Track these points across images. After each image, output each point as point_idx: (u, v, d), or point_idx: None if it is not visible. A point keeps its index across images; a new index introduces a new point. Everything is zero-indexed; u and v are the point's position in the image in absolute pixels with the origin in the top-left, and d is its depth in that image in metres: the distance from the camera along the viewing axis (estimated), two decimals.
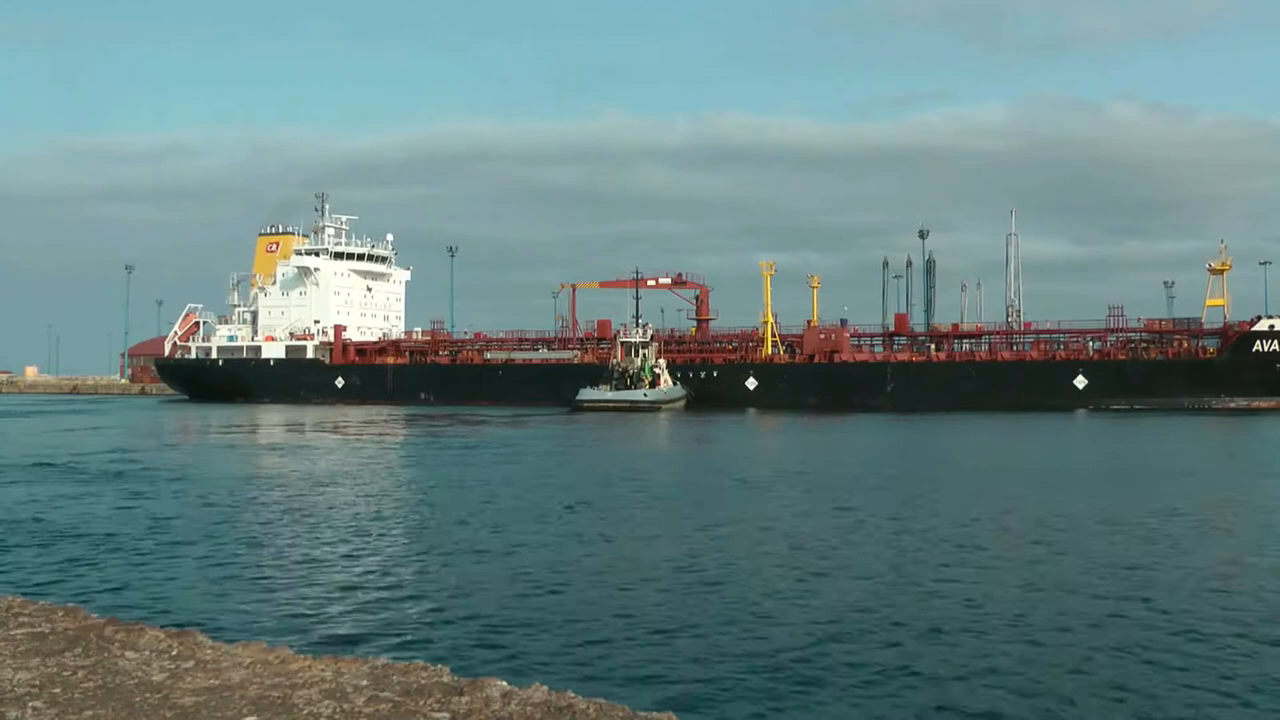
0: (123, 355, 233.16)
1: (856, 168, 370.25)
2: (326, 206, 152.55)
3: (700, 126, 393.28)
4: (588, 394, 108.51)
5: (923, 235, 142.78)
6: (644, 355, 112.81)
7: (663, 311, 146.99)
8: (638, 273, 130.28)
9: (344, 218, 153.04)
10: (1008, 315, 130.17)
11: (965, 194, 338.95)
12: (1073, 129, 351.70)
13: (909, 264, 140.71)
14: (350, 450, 54.69)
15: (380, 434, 69.82)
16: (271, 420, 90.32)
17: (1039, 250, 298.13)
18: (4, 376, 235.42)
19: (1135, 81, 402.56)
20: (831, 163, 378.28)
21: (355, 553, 22.55)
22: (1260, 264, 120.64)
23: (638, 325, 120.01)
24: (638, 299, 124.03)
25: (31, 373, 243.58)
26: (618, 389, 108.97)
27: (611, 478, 40.07)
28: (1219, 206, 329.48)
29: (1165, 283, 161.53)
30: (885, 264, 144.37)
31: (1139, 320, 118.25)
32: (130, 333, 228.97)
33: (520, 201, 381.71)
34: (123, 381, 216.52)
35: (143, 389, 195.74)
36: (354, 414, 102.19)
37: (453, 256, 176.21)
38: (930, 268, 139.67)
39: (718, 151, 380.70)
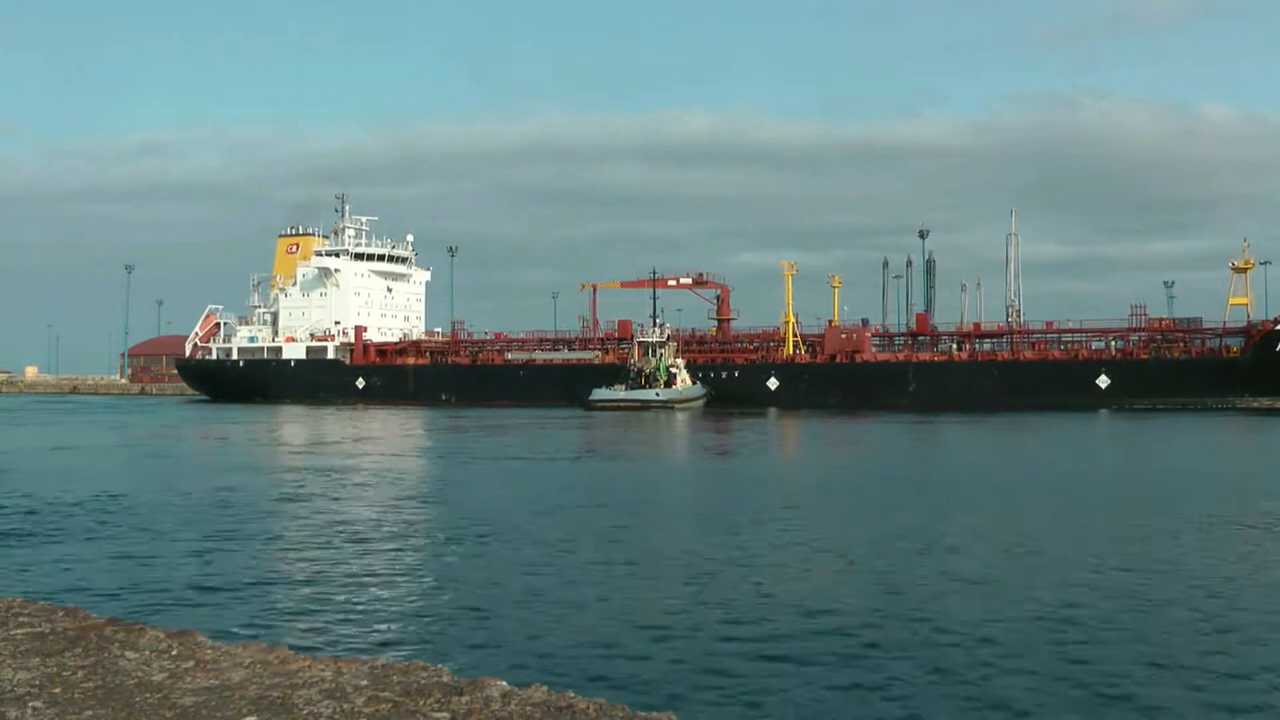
0: (122, 355, 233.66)
1: (844, 167, 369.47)
2: (347, 207, 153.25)
3: (681, 126, 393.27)
4: (601, 394, 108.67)
5: (923, 235, 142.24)
6: (660, 355, 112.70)
7: (679, 311, 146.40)
8: (655, 273, 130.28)
9: (364, 218, 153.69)
10: (1008, 315, 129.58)
11: (953, 193, 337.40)
12: (1063, 128, 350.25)
13: (909, 264, 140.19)
14: (361, 454, 54.85)
15: (396, 439, 70.00)
16: (295, 423, 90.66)
17: (1028, 250, 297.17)
18: (3, 376, 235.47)
19: (1129, 79, 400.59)
20: (817, 162, 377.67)
21: (357, 553, 22.56)
22: (1261, 264, 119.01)
23: (655, 325, 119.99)
24: (655, 299, 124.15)
25: (31, 372, 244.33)
26: (633, 389, 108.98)
27: (617, 481, 40.01)
28: (1214, 206, 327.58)
29: (1165, 282, 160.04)
30: (885, 264, 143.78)
31: (1143, 320, 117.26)
32: (130, 333, 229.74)
33: (502, 201, 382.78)
34: (122, 381, 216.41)
35: (143, 389, 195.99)
36: (376, 416, 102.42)
37: (453, 256, 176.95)
38: (930, 268, 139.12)
39: (702, 150, 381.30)
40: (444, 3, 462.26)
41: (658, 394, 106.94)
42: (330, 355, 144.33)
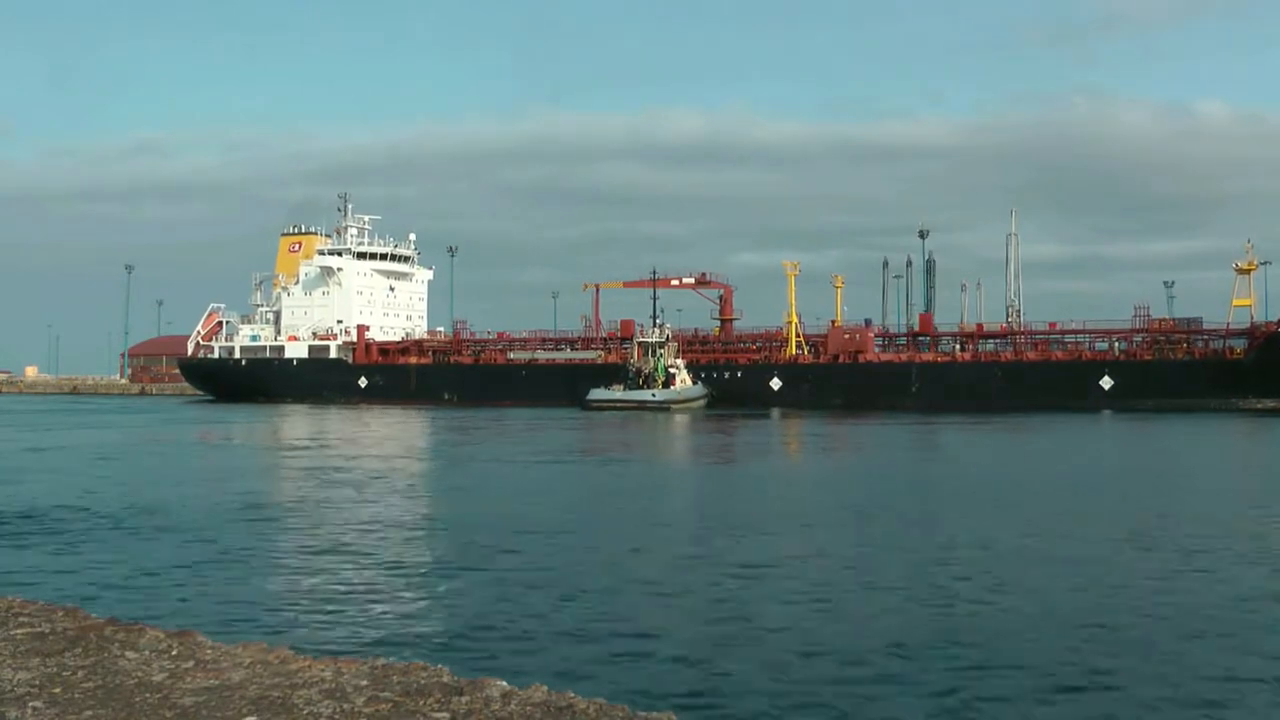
0: (122, 355, 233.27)
1: (843, 167, 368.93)
2: (349, 206, 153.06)
3: (677, 125, 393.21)
4: (598, 394, 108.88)
5: (923, 235, 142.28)
6: (659, 355, 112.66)
7: (679, 311, 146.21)
8: (655, 273, 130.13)
9: (366, 218, 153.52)
10: (1008, 315, 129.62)
11: (953, 193, 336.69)
12: (1062, 128, 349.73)
13: (909, 264, 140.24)
14: (362, 454, 54.90)
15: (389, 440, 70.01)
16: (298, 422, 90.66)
17: (1028, 250, 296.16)
18: (3, 376, 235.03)
19: (1127, 79, 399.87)
20: (816, 162, 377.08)
21: (356, 553, 22.57)
22: (1262, 264, 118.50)
23: (655, 325, 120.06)
24: (655, 299, 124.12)
25: (31, 373, 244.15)
26: (631, 389, 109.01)
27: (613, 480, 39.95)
28: (1214, 206, 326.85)
29: (1165, 283, 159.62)
30: (885, 264, 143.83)
31: (1145, 320, 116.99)
32: (130, 333, 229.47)
33: (501, 201, 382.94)
34: (122, 381, 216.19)
35: (143, 389, 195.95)
36: (378, 415, 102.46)
37: (453, 256, 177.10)
38: (930, 268, 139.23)
39: (701, 150, 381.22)
40: (441, 3, 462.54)
41: (654, 394, 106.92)
42: (333, 354, 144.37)
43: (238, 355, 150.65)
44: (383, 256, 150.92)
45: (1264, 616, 16.78)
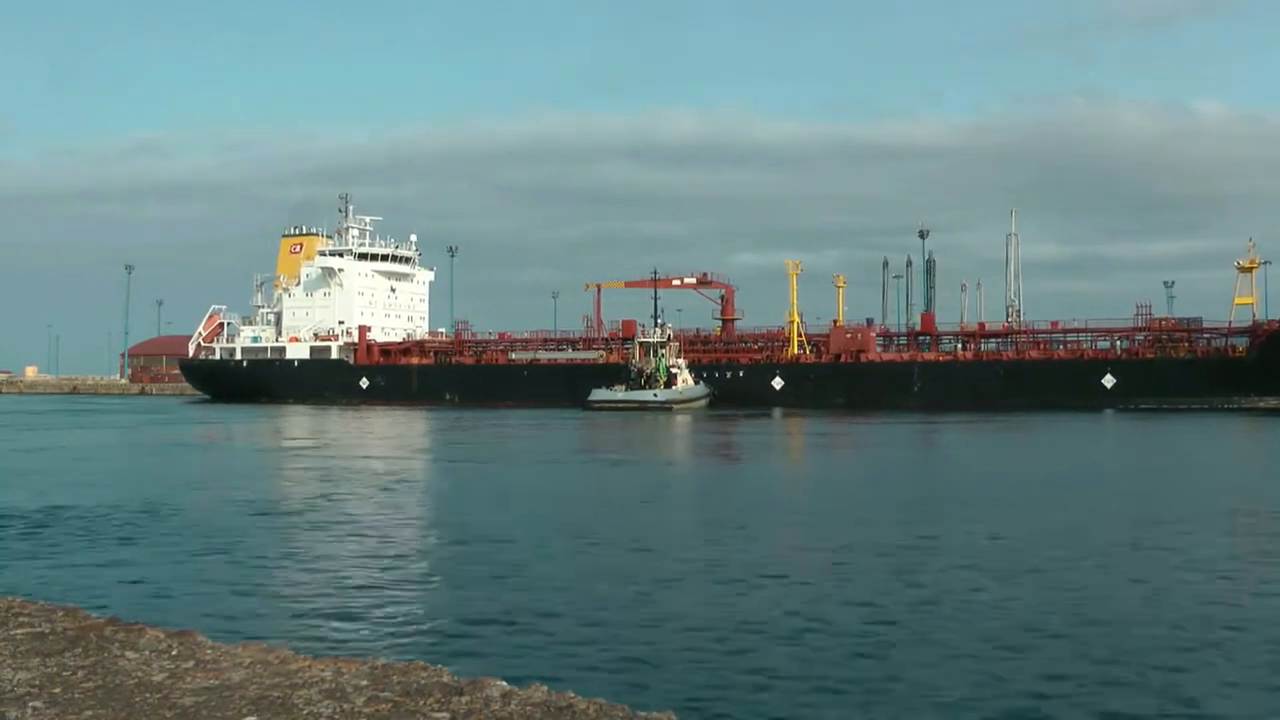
0: (122, 355, 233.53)
1: (842, 167, 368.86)
2: (350, 207, 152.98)
3: (676, 125, 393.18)
4: (599, 394, 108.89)
5: (923, 235, 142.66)
6: (660, 355, 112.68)
7: (679, 311, 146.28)
8: (656, 273, 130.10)
9: (368, 218, 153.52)
10: (1008, 315, 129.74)
11: (952, 193, 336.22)
12: (1061, 128, 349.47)
13: (909, 264, 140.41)
14: (363, 455, 54.92)
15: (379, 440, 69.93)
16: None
17: (1028, 250, 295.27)
18: (3, 376, 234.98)
19: (1125, 78, 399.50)
20: (815, 162, 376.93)
21: (357, 553, 22.56)
22: (1263, 263, 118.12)
23: (656, 325, 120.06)
24: (656, 298, 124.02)
25: (31, 373, 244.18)
26: (633, 389, 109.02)
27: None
28: (1214, 205, 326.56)
29: (1165, 282, 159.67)
30: (885, 264, 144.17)
31: (1145, 319, 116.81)
32: (130, 333, 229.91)
33: (500, 201, 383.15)
34: (122, 382, 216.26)
35: (143, 389, 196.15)
36: (380, 416, 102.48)
37: (453, 256, 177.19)
38: (930, 268, 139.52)
39: (702, 149, 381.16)
40: (441, 3, 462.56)
41: (656, 394, 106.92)
42: (334, 355, 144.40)
43: (239, 356, 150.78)
44: (384, 257, 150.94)
45: None
